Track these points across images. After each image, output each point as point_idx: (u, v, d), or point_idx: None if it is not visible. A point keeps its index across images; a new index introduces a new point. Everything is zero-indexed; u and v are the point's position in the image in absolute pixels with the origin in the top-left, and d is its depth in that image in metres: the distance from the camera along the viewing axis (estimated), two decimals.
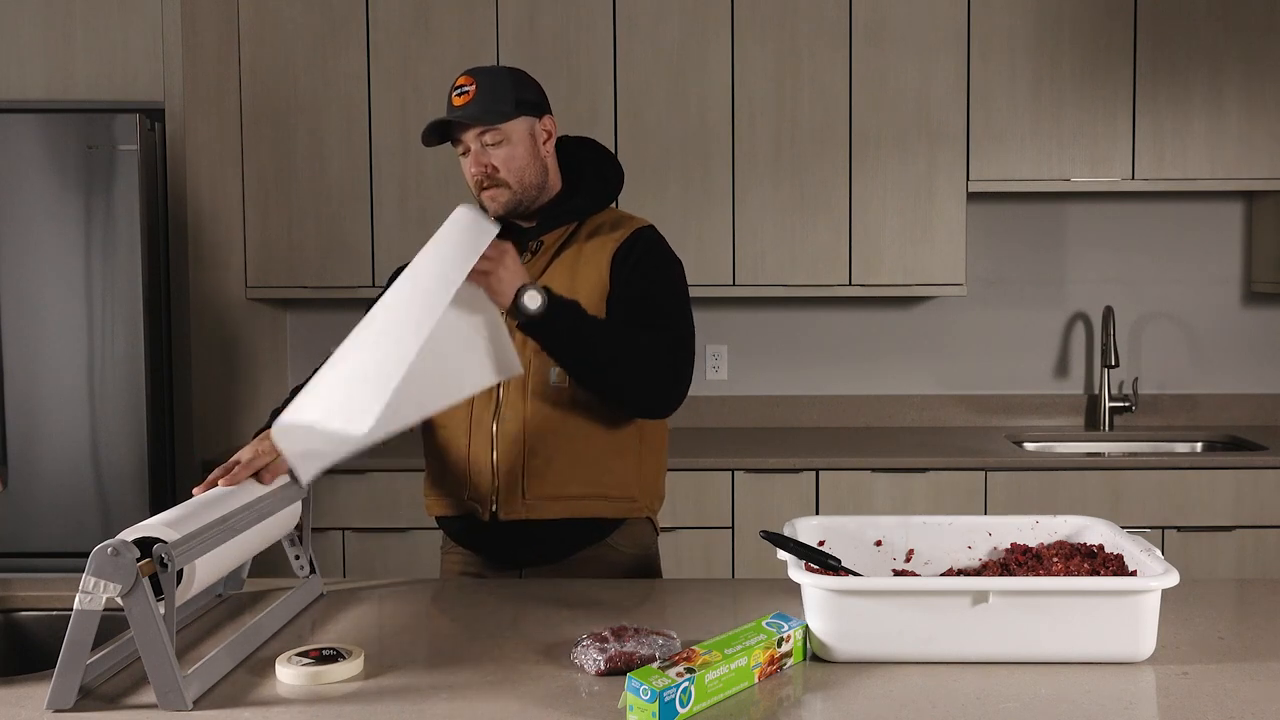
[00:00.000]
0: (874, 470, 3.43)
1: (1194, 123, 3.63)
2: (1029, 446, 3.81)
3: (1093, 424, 4.02)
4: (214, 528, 1.56)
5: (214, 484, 1.73)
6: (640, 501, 2.13)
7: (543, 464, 2.04)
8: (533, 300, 1.84)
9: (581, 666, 1.55)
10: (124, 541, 1.40)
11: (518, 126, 2.05)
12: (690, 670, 1.41)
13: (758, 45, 3.66)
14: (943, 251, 3.67)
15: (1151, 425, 4.00)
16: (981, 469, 3.41)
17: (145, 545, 1.44)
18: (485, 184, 2.05)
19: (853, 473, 3.43)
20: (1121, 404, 3.97)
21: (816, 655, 1.59)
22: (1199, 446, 3.88)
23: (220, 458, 3.42)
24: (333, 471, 3.52)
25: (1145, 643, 1.56)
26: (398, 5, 3.67)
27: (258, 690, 1.49)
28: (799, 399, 4.06)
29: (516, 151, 2.05)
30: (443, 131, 2.06)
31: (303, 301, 4.04)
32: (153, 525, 1.49)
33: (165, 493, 3.27)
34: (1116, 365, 3.89)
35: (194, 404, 3.36)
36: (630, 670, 1.46)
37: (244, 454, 1.80)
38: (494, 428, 2.05)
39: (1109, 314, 3.91)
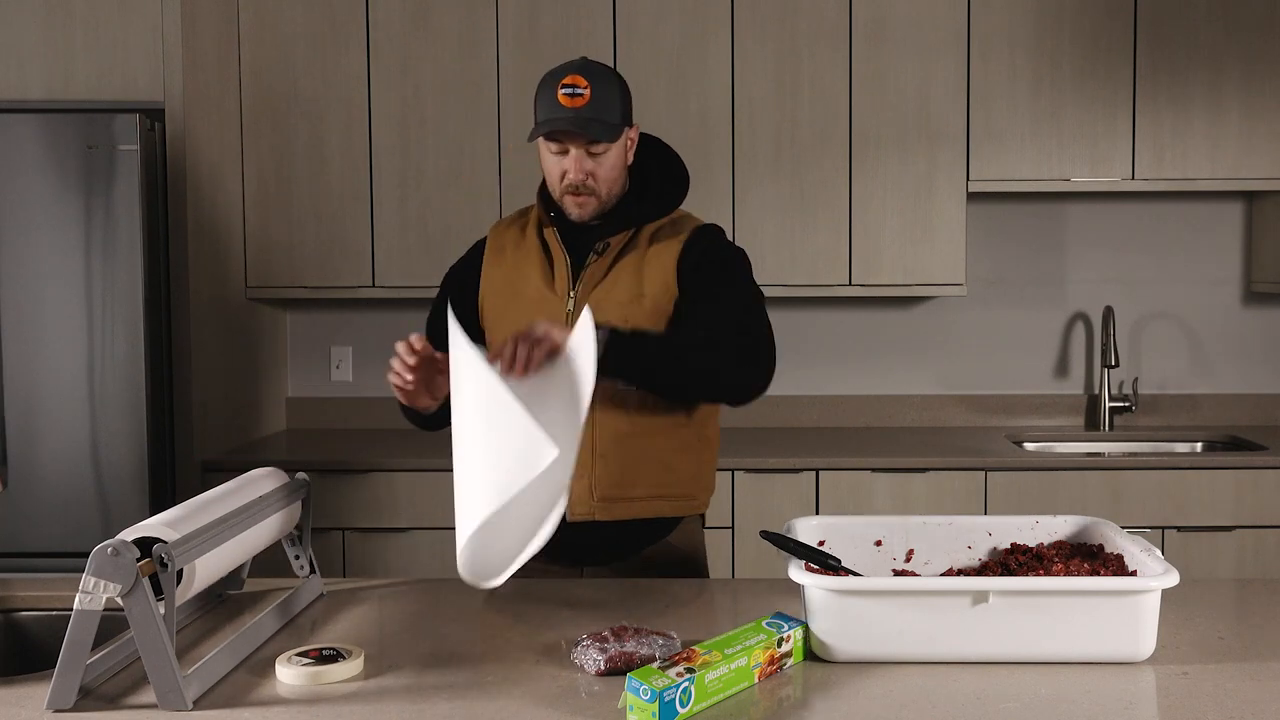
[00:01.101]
0: (874, 470, 3.43)
1: (1194, 123, 3.63)
2: (1029, 446, 3.81)
3: (1093, 424, 4.02)
4: (214, 528, 1.56)
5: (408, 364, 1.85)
6: (699, 499, 2.17)
7: (612, 466, 2.05)
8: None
9: (581, 666, 1.55)
10: (124, 541, 1.40)
11: (620, 139, 2.05)
12: (690, 670, 1.41)
13: (758, 45, 3.65)
14: (943, 251, 3.67)
15: (1151, 425, 4.00)
16: (981, 469, 3.41)
17: (145, 545, 1.44)
18: (579, 190, 2.04)
19: (853, 473, 3.43)
20: (1121, 404, 3.97)
21: (816, 655, 1.59)
22: (1199, 446, 3.88)
23: (220, 458, 3.44)
24: (333, 471, 3.53)
25: (1145, 643, 1.56)
26: (398, 5, 3.67)
27: (258, 690, 1.49)
28: (799, 399, 4.06)
29: (615, 163, 2.06)
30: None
31: (303, 301, 4.04)
32: (153, 525, 1.49)
33: (165, 493, 3.27)
34: (1116, 365, 3.89)
35: (194, 404, 3.36)
36: (630, 670, 1.46)
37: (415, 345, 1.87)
38: None
39: (1109, 314, 3.91)
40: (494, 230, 2.23)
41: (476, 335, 2.17)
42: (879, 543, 1.89)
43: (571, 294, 2.08)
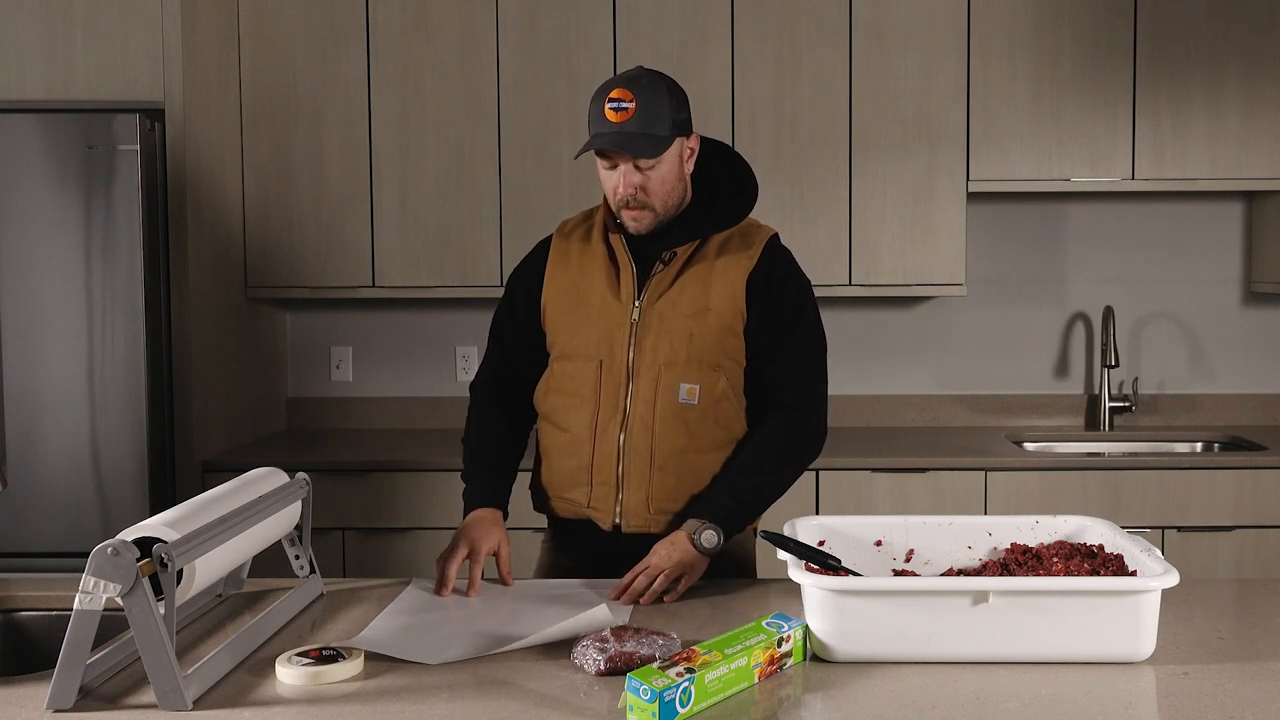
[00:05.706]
0: (874, 470, 3.43)
1: (1194, 123, 3.63)
2: (1029, 446, 3.81)
3: (1093, 424, 4.02)
4: (214, 528, 1.56)
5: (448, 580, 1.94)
6: None
7: (668, 478, 2.05)
8: (711, 541, 1.96)
9: (581, 666, 1.55)
10: (124, 541, 1.40)
11: (671, 150, 2.02)
12: (690, 670, 1.41)
13: (758, 45, 3.65)
14: (943, 251, 3.66)
15: (1151, 425, 4.00)
16: (981, 469, 3.41)
17: (145, 545, 1.44)
18: (631, 204, 2.02)
19: (853, 473, 3.43)
20: (1121, 404, 3.97)
21: (816, 655, 1.59)
22: (1199, 446, 3.88)
23: (220, 458, 3.44)
24: (333, 471, 3.53)
25: (1145, 643, 1.56)
26: (398, 5, 3.67)
27: (258, 690, 1.49)
28: None
29: (667, 174, 2.03)
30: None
31: (303, 301, 4.04)
32: (153, 525, 1.49)
33: (165, 493, 3.27)
34: (1116, 365, 3.89)
35: (194, 404, 3.36)
36: (630, 670, 1.46)
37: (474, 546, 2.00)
38: (620, 439, 2.05)
39: (1109, 314, 3.91)
40: (559, 231, 2.20)
41: (537, 338, 2.17)
42: (879, 543, 1.89)
43: (637, 303, 2.07)
